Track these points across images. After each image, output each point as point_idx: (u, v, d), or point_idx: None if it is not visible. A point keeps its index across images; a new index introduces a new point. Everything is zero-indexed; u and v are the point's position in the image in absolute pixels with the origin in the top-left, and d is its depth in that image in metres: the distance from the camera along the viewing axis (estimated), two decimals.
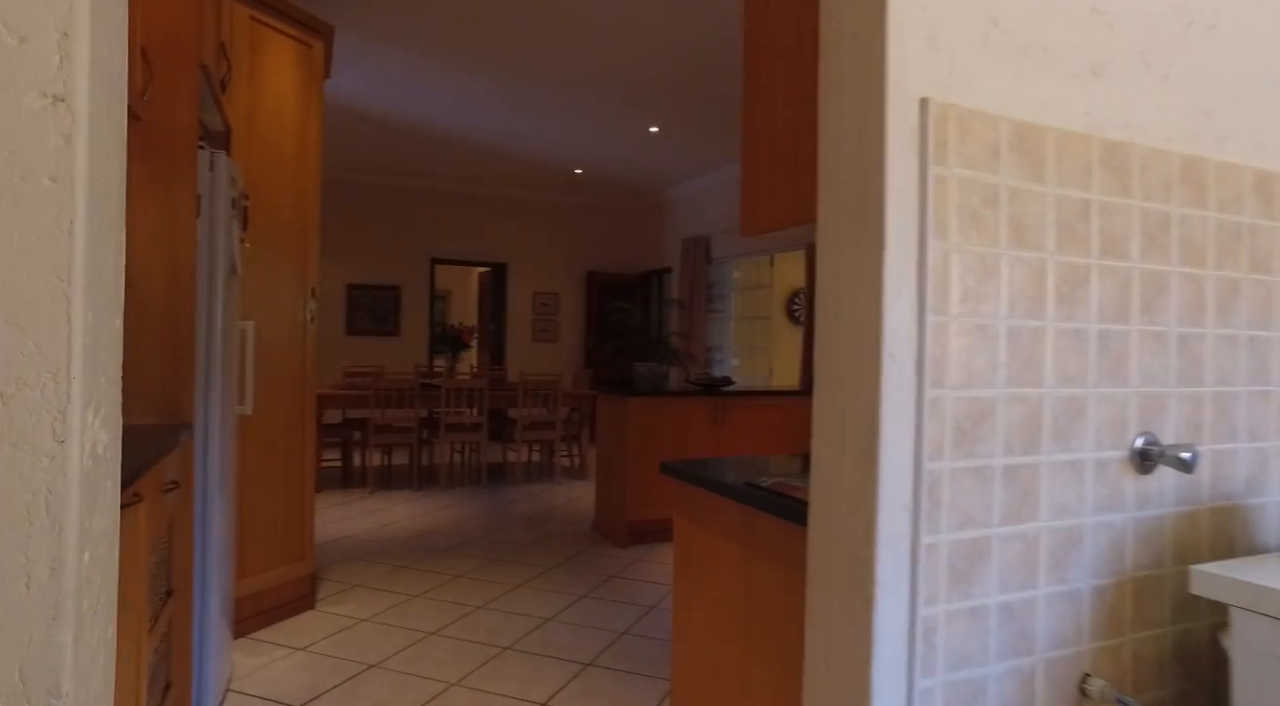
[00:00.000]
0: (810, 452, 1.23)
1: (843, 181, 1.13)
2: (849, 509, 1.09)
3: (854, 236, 1.10)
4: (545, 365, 9.37)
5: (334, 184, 8.46)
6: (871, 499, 1.05)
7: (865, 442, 1.07)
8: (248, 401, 2.89)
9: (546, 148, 7.22)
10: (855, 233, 1.10)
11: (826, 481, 1.15)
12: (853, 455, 1.09)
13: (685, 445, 4.84)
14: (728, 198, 7.86)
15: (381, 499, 5.92)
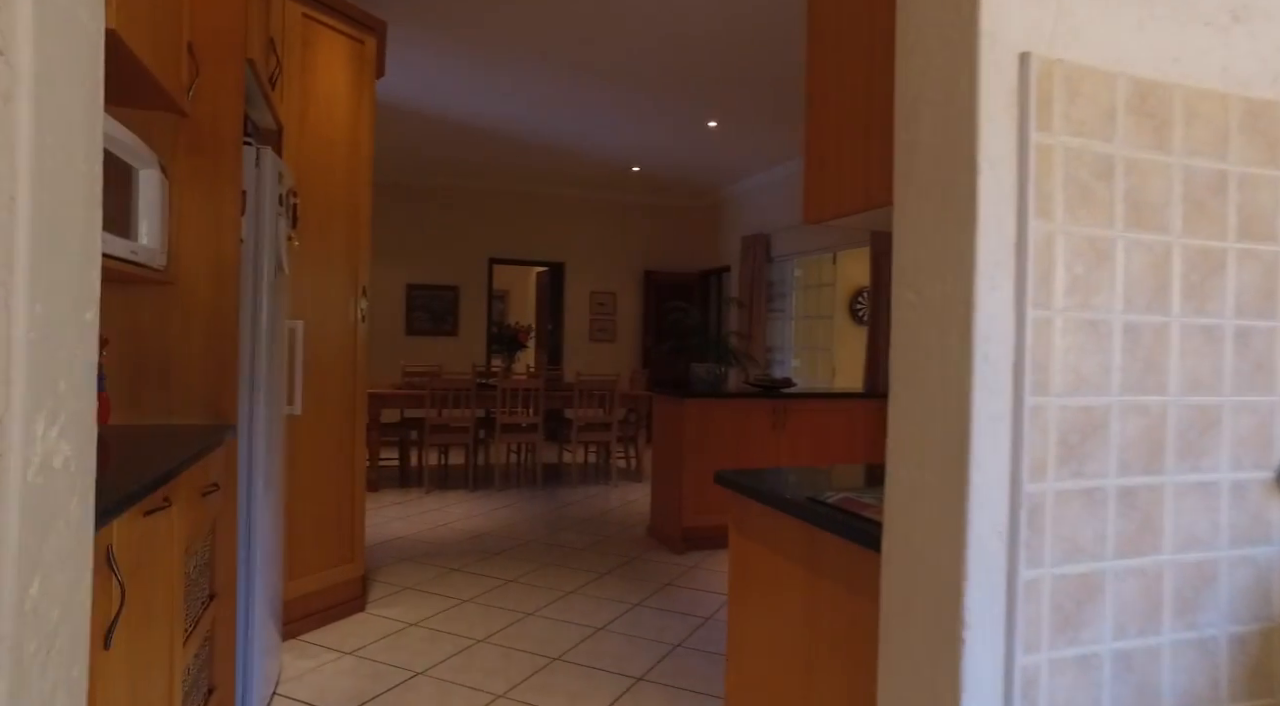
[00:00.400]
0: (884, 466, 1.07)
1: (925, 156, 0.97)
2: (932, 536, 0.93)
3: (939, 219, 0.94)
4: (602, 365, 9.30)
5: (393, 186, 8.59)
6: (960, 526, 0.89)
7: (952, 459, 0.91)
8: (297, 402, 2.86)
9: (603, 145, 7.14)
10: (940, 214, 0.94)
11: (904, 503, 0.99)
12: (936, 473, 0.93)
13: (743, 449, 4.67)
14: (788, 194, 7.63)
15: (437, 499, 5.92)
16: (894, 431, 1.05)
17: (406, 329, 8.64)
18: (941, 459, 0.93)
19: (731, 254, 8.87)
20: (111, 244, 1.66)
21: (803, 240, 7.47)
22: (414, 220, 8.64)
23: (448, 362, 8.53)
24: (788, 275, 7.97)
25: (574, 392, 6.47)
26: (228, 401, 2.18)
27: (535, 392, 6.32)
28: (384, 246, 8.47)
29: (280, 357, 2.65)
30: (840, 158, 1.33)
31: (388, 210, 8.50)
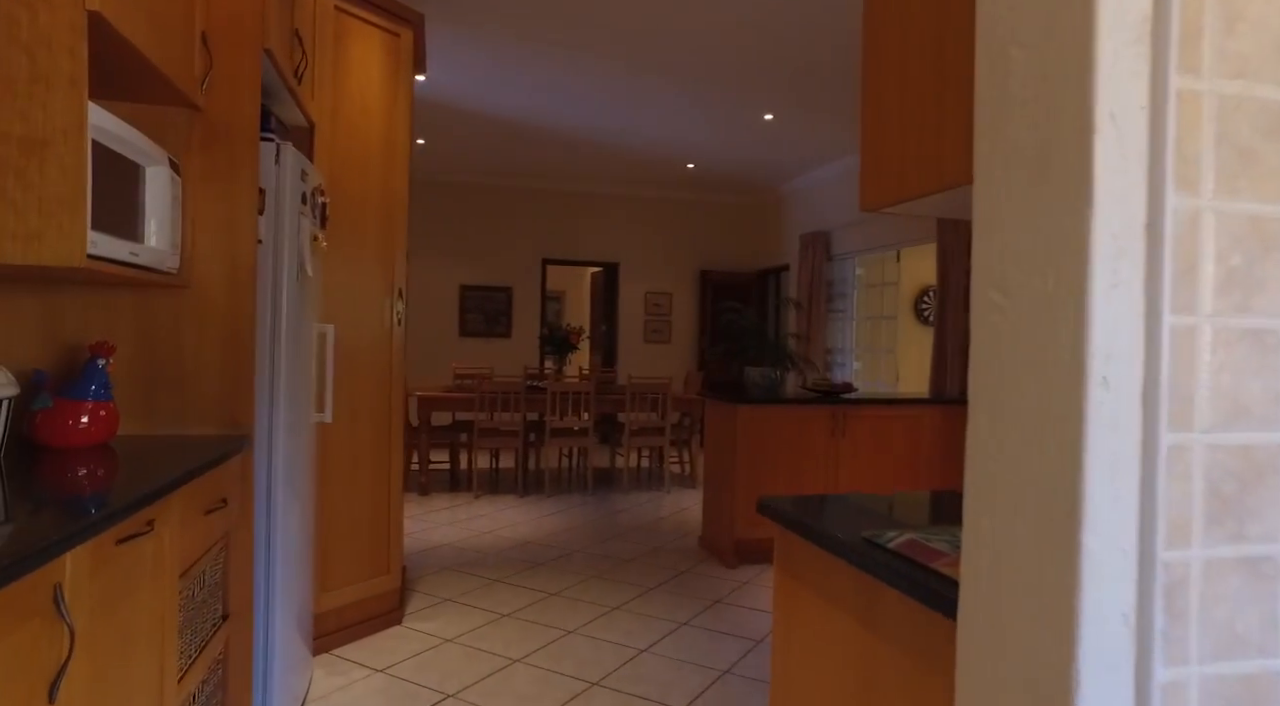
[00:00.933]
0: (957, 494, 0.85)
1: (1017, 115, 0.74)
2: (1027, 614, 0.71)
3: (1037, 196, 0.71)
4: (657, 367, 9.11)
5: (445, 184, 8.59)
6: (1069, 606, 0.66)
7: (1056, 515, 0.68)
8: (328, 409, 2.75)
9: (656, 142, 6.95)
10: (1038, 190, 0.71)
11: (987, 564, 0.77)
12: (1033, 530, 0.71)
13: (800, 459, 4.41)
14: (849, 189, 7.31)
15: (486, 504, 5.82)
16: (974, 468, 0.83)
17: (460, 330, 8.62)
18: (1040, 512, 0.70)
19: (790, 252, 8.57)
20: (104, 244, 1.54)
21: (865, 237, 7.13)
22: (467, 220, 8.61)
23: (500, 365, 8.47)
24: (849, 274, 7.63)
25: (625, 396, 6.30)
26: (243, 411, 2.06)
27: (586, 396, 6.17)
28: (437, 246, 8.49)
29: (307, 363, 2.54)
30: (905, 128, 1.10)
31: (440, 209, 8.50)
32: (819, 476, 4.45)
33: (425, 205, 8.45)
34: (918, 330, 8.10)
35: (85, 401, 1.78)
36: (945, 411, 4.68)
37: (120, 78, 1.79)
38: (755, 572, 4.21)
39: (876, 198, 1.19)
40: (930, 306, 8.77)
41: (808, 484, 4.43)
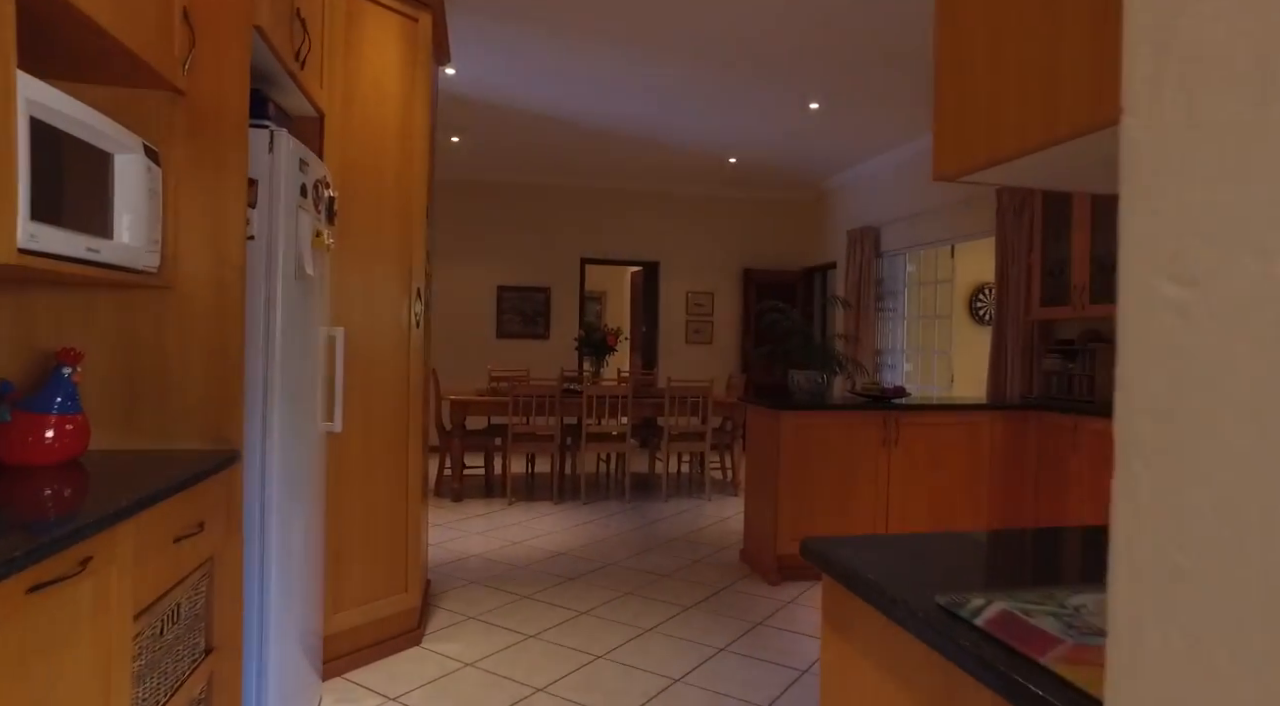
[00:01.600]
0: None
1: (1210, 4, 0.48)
2: None
3: (1249, 129, 0.45)
4: (698, 369, 8.84)
5: (480, 183, 8.45)
6: None
7: None
8: (337, 418, 2.56)
9: (697, 136, 6.68)
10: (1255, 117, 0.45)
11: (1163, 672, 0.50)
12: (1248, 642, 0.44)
13: (848, 470, 4.11)
14: (900, 182, 6.95)
15: (521, 510, 5.63)
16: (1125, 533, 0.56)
17: (497, 332, 8.48)
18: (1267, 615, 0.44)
19: (836, 249, 8.22)
20: (49, 238, 1.36)
21: (917, 232, 6.76)
22: (505, 219, 8.46)
23: (537, 366, 8.30)
24: (899, 271, 7.26)
25: (665, 399, 6.06)
26: (231, 423, 1.88)
27: (623, 399, 5.94)
28: (474, 246, 8.36)
29: (311, 369, 2.36)
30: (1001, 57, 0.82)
31: (477, 209, 8.36)
32: (869, 489, 4.15)
33: (462, 205, 8.33)
34: (972, 330, 7.69)
35: (48, 414, 1.61)
36: (1007, 418, 4.33)
37: (86, 57, 1.62)
38: (799, 591, 3.93)
39: (956, 162, 0.92)
40: (986, 304, 8.34)
41: (857, 497, 4.13)
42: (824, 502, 4.08)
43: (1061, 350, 4.76)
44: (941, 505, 4.24)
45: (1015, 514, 4.33)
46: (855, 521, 4.13)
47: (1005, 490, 4.32)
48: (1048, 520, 4.21)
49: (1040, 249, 4.78)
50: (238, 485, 1.89)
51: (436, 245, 8.42)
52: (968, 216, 6.07)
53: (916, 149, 6.66)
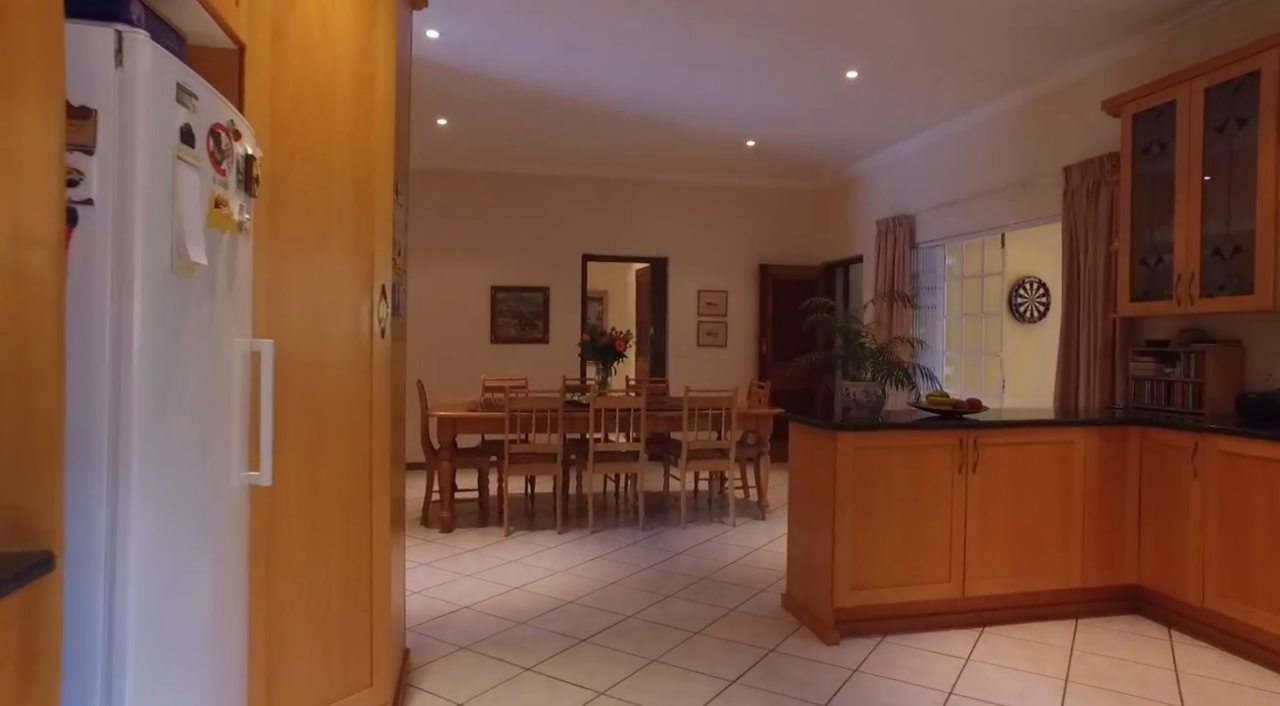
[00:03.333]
0: None
1: None
2: None
3: None
4: (712, 375, 8.12)
5: (472, 175, 7.70)
6: None
7: None
8: (265, 466, 1.83)
9: (713, 115, 5.95)
10: None
11: None
12: None
13: (919, 503, 3.38)
14: (939, 164, 6.22)
15: (520, 543, 4.89)
16: None
17: (491, 336, 7.74)
18: None
19: (862, 242, 7.49)
20: None
21: (959, 219, 6.04)
22: (498, 212, 7.73)
23: (536, 374, 7.57)
24: (937, 264, 6.53)
25: (681, 412, 5.33)
26: (40, 503, 1.14)
27: (636, 413, 5.21)
28: (465, 243, 7.62)
29: (216, 402, 1.62)
30: None
31: (468, 202, 7.63)
32: (942, 527, 3.42)
33: (452, 197, 7.60)
34: (1016, 330, 6.97)
35: None
36: (1104, 436, 3.60)
37: None
38: (864, 651, 3.20)
39: None
40: (1028, 300, 7.62)
41: (928, 537, 3.40)
42: (889, 543, 3.36)
43: (1156, 352, 4.04)
44: (1027, 546, 3.51)
45: (1116, 559, 3.61)
46: (926, 568, 3.40)
47: (1102, 526, 3.59)
48: (1159, 570, 3.48)
49: (1130, 234, 4.06)
50: (50, 610, 1.15)
51: (421, 241, 7.71)
52: (1022, 200, 5.34)
53: (961, 126, 5.94)
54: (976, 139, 5.79)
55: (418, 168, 7.50)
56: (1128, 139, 4.06)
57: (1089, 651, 3.22)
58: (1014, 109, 5.42)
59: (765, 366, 8.20)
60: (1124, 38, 4.39)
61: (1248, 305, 3.41)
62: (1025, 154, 5.31)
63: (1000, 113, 5.54)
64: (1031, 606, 3.56)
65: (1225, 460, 3.21)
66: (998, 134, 5.59)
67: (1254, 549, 3.08)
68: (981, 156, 5.75)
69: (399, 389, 2.63)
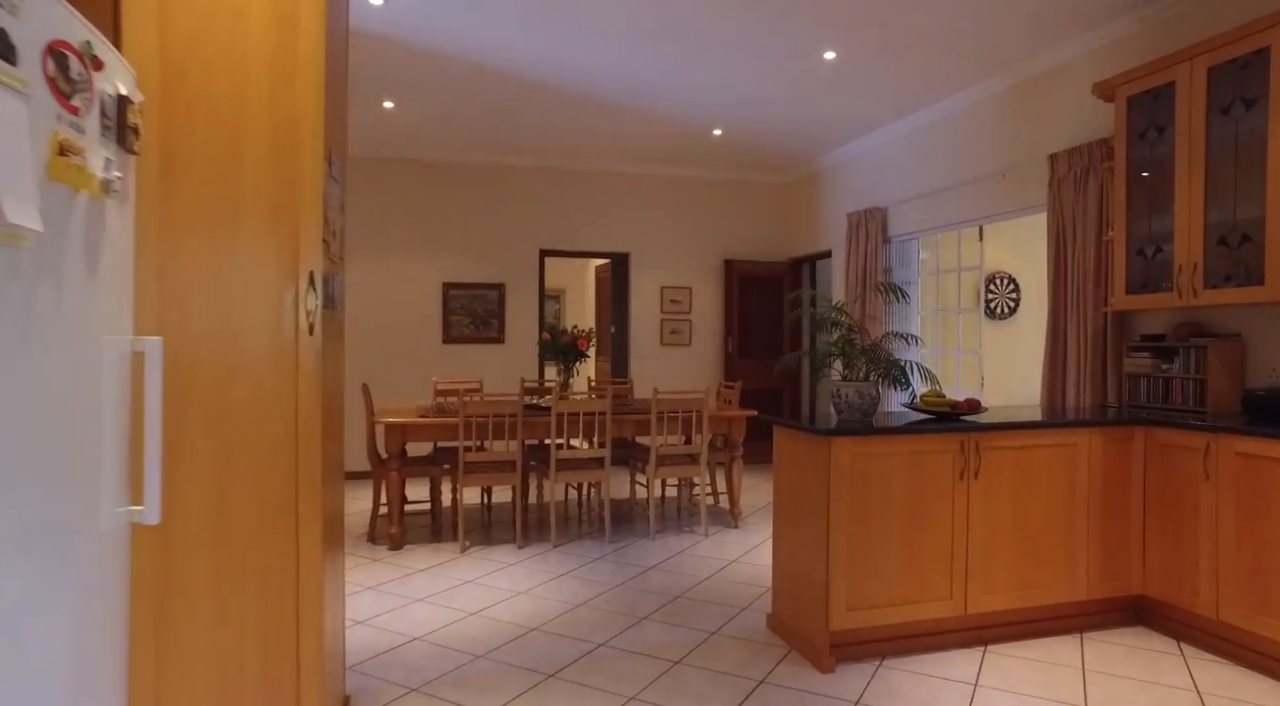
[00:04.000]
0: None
1: None
2: None
3: None
4: (675, 374, 7.80)
5: (422, 164, 7.21)
6: None
7: None
8: (149, 498, 1.42)
9: (679, 100, 5.63)
10: None
11: None
12: None
13: (917, 513, 3.10)
14: (915, 153, 6.00)
15: (476, 559, 4.48)
16: None
17: (444, 336, 7.29)
18: None
19: (831, 236, 7.26)
20: None
21: (934, 211, 5.82)
22: (450, 205, 7.28)
23: (492, 376, 7.15)
24: (911, 258, 6.32)
25: (648, 415, 4.98)
26: None
27: (601, 417, 4.85)
28: (414, 237, 7.15)
29: (73, 417, 1.21)
30: None
31: (417, 193, 7.17)
32: (942, 539, 3.14)
33: (400, 188, 7.13)
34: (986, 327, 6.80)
35: None
36: (1108, 436, 3.37)
37: None
38: (863, 679, 2.89)
39: None
40: (998, 297, 7.47)
41: (927, 549, 3.12)
42: (887, 558, 3.06)
43: (1153, 347, 3.84)
44: (1030, 557, 3.25)
45: (1121, 568, 3.38)
46: (926, 584, 3.11)
47: (1107, 533, 3.36)
48: (1167, 579, 3.25)
49: (1125, 224, 3.85)
50: None
51: (368, 235, 7.20)
52: (1002, 191, 5.14)
53: (939, 114, 5.72)
54: (955, 127, 5.58)
55: (365, 156, 7.02)
56: (1122, 123, 3.85)
57: (1101, 671, 2.97)
58: (995, 95, 5.21)
59: (731, 365, 7.91)
60: (1111, 19, 4.19)
61: (1258, 297, 3.21)
62: (1006, 142, 5.11)
63: (981, 99, 5.33)
64: (1035, 621, 3.31)
65: (1241, 462, 2.99)
66: (977, 121, 5.37)
67: (1275, 557, 2.86)
68: (960, 145, 5.54)
69: (334, 395, 2.23)
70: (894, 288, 3.38)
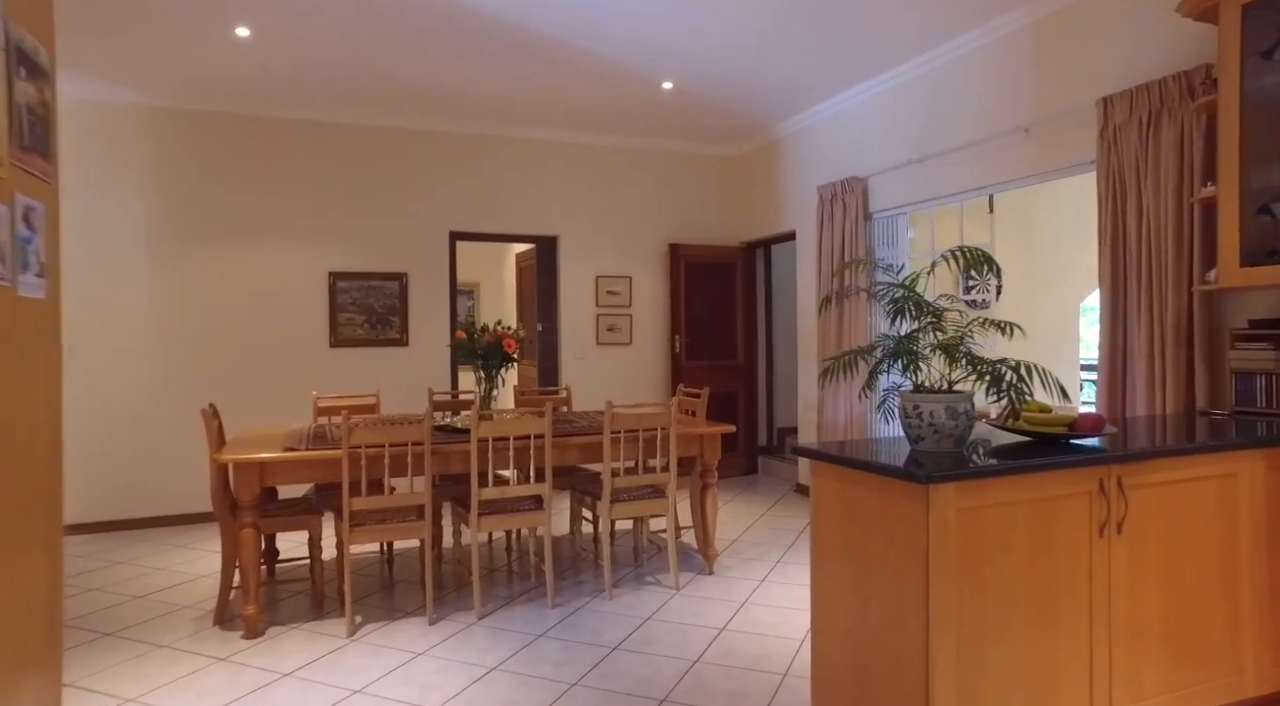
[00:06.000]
0: None
1: None
2: None
3: None
4: (615, 379, 6.63)
5: (298, 124, 5.60)
6: None
7: None
8: None
9: (625, 39, 4.46)
10: None
11: None
12: None
13: (1048, 589, 2.04)
14: (907, 110, 5.04)
15: (368, 648, 3.19)
16: None
17: (331, 338, 5.87)
18: None
19: (799, 214, 6.25)
20: None
21: (928, 181, 4.88)
22: (336, 177, 5.87)
23: (394, 387, 5.79)
24: (899, 237, 5.36)
25: (599, 436, 3.80)
26: None
27: (538, 441, 3.64)
28: (292, 217, 5.67)
29: None
30: None
31: (294, 162, 5.73)
32: (1081, 622, 2.10)
33: (269, 154, 5.67)
34: None
35: None
36: (1271, 461, 2.41)
37: None
38: None
39: None
40: (978, 282, 6.65)
41: (1064, 642, 2.06)
42: (1008, 659, 2.00)
43: (1274, 336, 2.93)
44: (1183, 642, 2.25)
45: None
46: (1057, 692, 2.06)
47: (1277, 600, 2.40)
48: None
49: (1239, 175, 2.92)
50: None
51: (227, 213, 5.63)
52: (1023, 150, 4.21)
53: (939, 61, 4.76)
54: (960, 76, 4.62)
55: (214, 110, 5.53)
56: (1234, 41, 2.92)
57: None
58: (1010, 34, 4.28)
59: (679, 368, 6.81)
60: None
61: None
62: (1029, 90, 4.18)
63: (992, 40, 4.38)
64: None
65: None
66: (990, 68, 4.43)
67: None
68: (966, 98, 4.59)
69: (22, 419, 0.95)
70: (980, 256, 2.30)
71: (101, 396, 5.24)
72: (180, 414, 5.34)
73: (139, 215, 5.36)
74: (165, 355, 5.41)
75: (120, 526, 5.28)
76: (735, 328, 7.06)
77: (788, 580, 4.08)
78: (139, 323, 5.35)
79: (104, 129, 5.26)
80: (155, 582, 4.13)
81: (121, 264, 5.32)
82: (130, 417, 5.32)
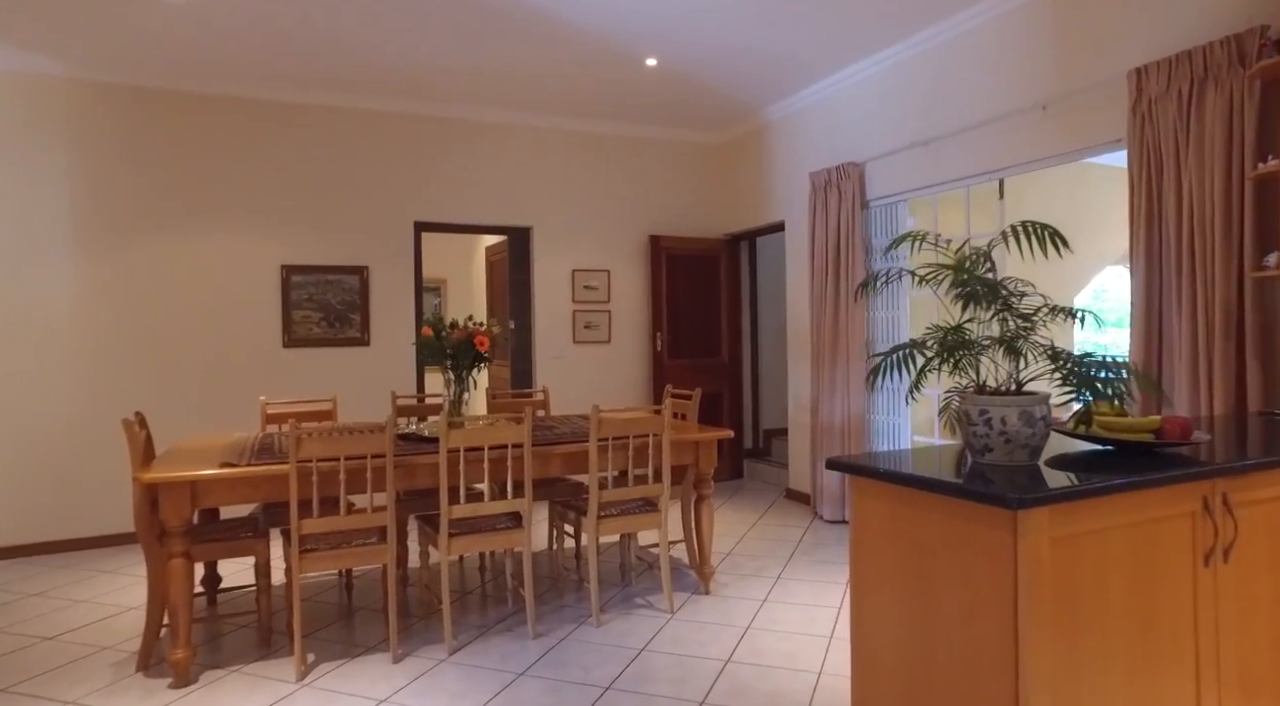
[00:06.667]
0: None
1: None
2: None
3: None
4: (593, 379, 6.22)
5: (248, 104, 5.05)
6: None
7: None
8: None
9: (604, 12, 4.05)
10: None
11: None
12: None
13: (1149, 628, 1.68)
14: (908, 90, 4.70)
15: (325, 692, 2.74)
16: None
17: (285, 337, 5.37)
18: None
19: (788, 204, 5.90)
20: None
21: (932, 165, 4.55)
22: (290, 163, 5.37)
23: (355, 390, 5.32)
24: (899, 226, 5.02)
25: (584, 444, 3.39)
26: None
27: (516, 451, 3.22)
28: (242, 205, 5.14)
29: None
30: None
31: (243, 145, 5.22)
32: (1188, 664, 1.74)
33: (214, 136, 5.15)
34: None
35: None
36: None
37: None
38: None
39: None
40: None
41: (1169, 687, 1.71)
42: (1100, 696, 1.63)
43: None
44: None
45: None
46: None
47: None
48: None
49: None
50: None
51: (169, 199, 5.09)
52: (1040, 128, 3.89)
53: (945, 35, 4.43)
54: (969, 50, 4.29)
55: (150, 86, 4.99)
56: None
57: None
58: (1025, 4, 3.96)
59: (661, 367, 6.41)
60: None
61: None
62: (1049, 63, 3.86)
63: (1009, 9, 4.06)
64: None
65: None
66: (1003, 41, 4.11)
67: None
68: (975, 75, 4.26)
69: None
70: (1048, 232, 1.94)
71: (17, 404, 4.68)
72: (110, 422, 4.80)
73: (61, 200, 4.80)
74: (93, 357, 4.86)
75: (39, 550, 4.72)
76: (719, 324, 6.69)
77: (791, 599, 3.71)
78: (62, 321, 4.79)
79: (18, 101, 4.70)
80: (71, 618, 3.61)
81: (40, 255, 4.76)
82: (53, 427, 4.76)
